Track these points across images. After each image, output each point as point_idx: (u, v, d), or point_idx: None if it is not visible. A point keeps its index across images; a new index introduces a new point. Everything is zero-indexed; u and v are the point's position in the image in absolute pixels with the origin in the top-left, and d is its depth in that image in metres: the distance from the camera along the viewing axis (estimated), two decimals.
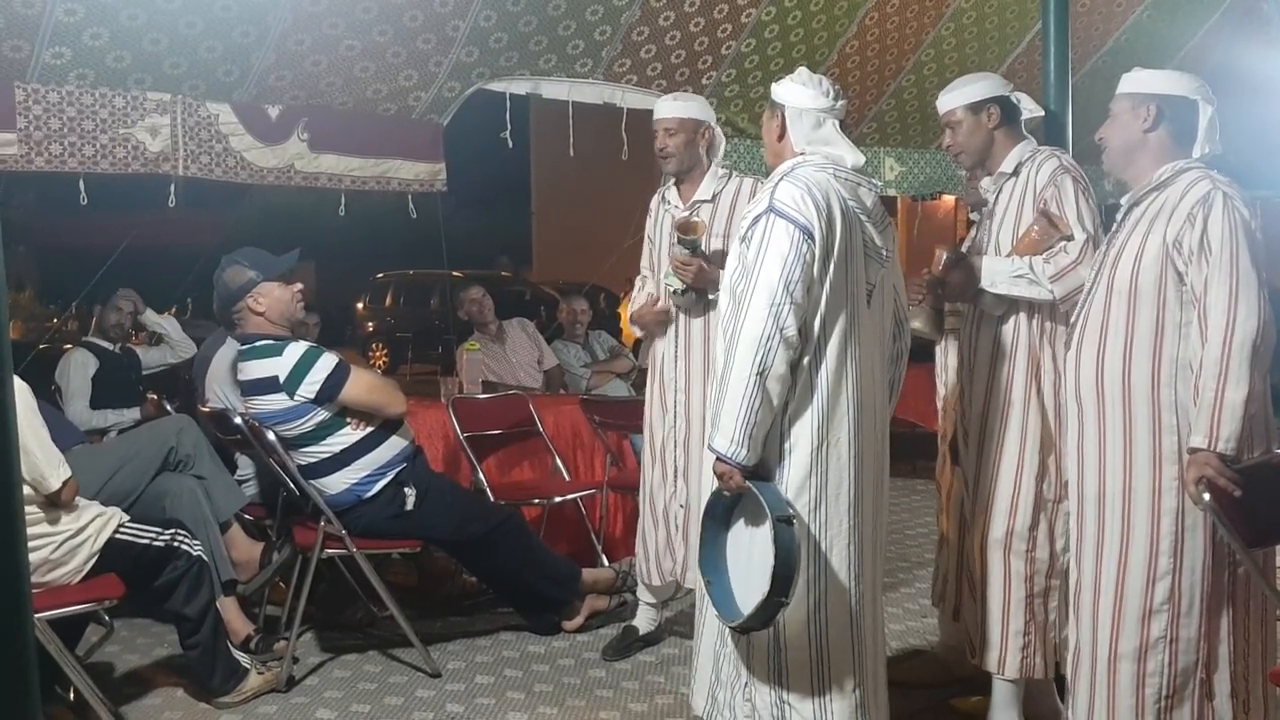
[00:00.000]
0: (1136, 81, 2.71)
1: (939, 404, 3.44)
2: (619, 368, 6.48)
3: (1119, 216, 2.74)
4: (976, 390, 3.16)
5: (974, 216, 3.58)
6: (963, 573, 3.28)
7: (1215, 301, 2.47)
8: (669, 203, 3.82)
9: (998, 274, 3.03)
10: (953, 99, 3.22)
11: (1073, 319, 2.79)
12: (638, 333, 3.92)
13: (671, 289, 3.64)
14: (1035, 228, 3.03)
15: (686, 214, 3.70)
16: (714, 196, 3.72)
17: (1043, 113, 3.31)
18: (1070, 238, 2.98)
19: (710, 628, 2.73)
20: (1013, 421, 3.09)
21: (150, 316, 5.73)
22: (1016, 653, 3.08)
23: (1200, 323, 2.50)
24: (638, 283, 3.95)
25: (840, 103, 2.74)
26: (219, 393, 4.54)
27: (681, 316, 3.74)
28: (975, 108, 3.18)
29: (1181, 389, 2.56)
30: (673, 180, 3.81)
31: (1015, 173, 3.16)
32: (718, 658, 2.71)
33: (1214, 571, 2.57)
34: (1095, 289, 2.71)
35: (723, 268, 3.57)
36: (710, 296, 3.59)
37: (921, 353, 3.29)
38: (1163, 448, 2.58)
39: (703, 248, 3.60)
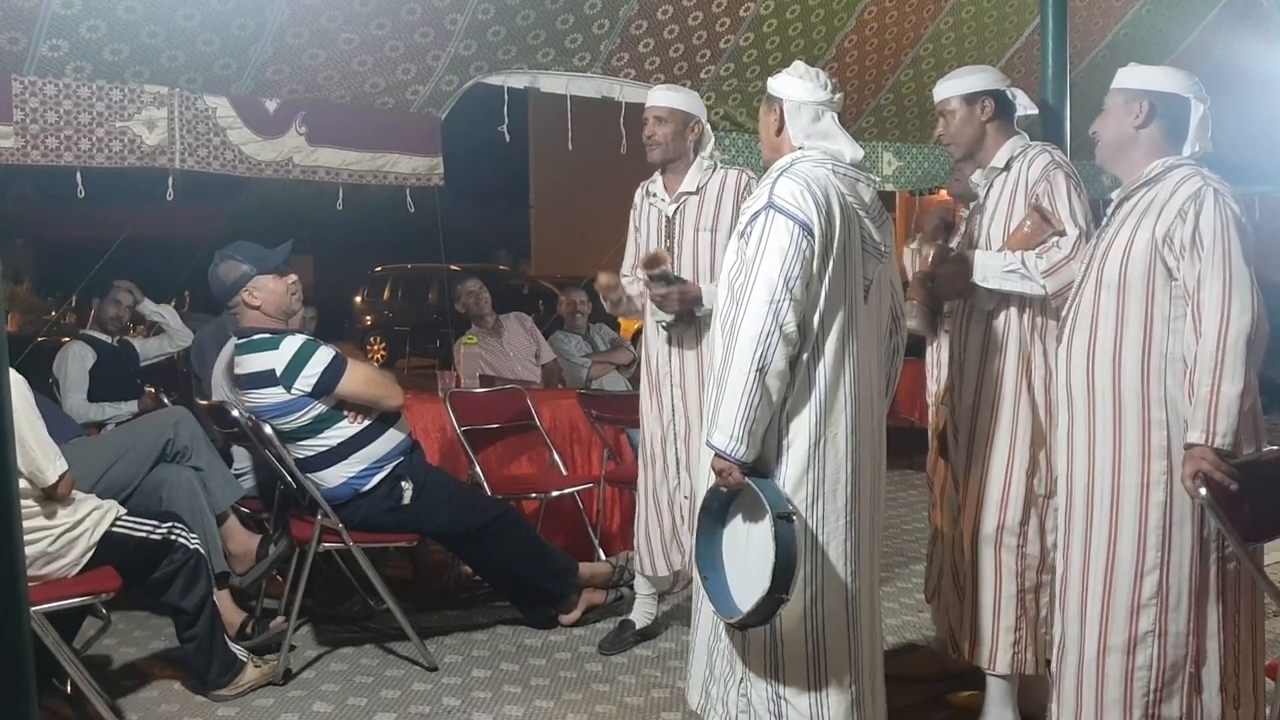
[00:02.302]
0: (1130, 77, 2.72)
1: (930, 399, 3.45)
2: (620, 359, 6.49)
3: (1109, 211, 2.75)
4: (967, 385, 3.16)
5: (963, 213, 3.58)
6: (949, 566, 3.28)
7: (1209, 298, 2.47)
8: (653, 195, 3.82)
9: (990, 269, 3.04)
10: (949, 88, 3.22)
11: (1064, 313, 2.80)
12: (649, 322, 3.92)
13: (663, 324, 3.68)
14: (1028, 223, 3.03)
15: (642, 217, 3.77)
16: (699, 189, 3.72)
17: (1037, 111, 3.31)
18: (1062, 233, 2.99)
19: (705, 622, 2.73)
20: (1003, 416, 3.09)
21: (148, 305, 5.73)
22: (1008, 648, 3.09)
23: (1194, 319, 2.50)
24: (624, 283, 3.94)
25: (838, 96, 2.74)
26: (225, 390, 4.54)
27: None
28: (970, 99, 3.18)
29: (1170, 384, 2.57)
30: (657, 174, 3.82)
31: (1006, 168, 3.16)
32: (711, 652, 2.71)
33: (1201, 566, 2.58)
34: (1085, 283, 2.72)
35: (695, 277, 3.61)
36: (698, 314, 3.61)
37: (915, 348, 3.29)
38: (1151, 442, 2.58)
39: (674, 272, 3.63)
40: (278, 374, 3.64)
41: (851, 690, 2.62)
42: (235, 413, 3.84)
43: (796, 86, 2.71)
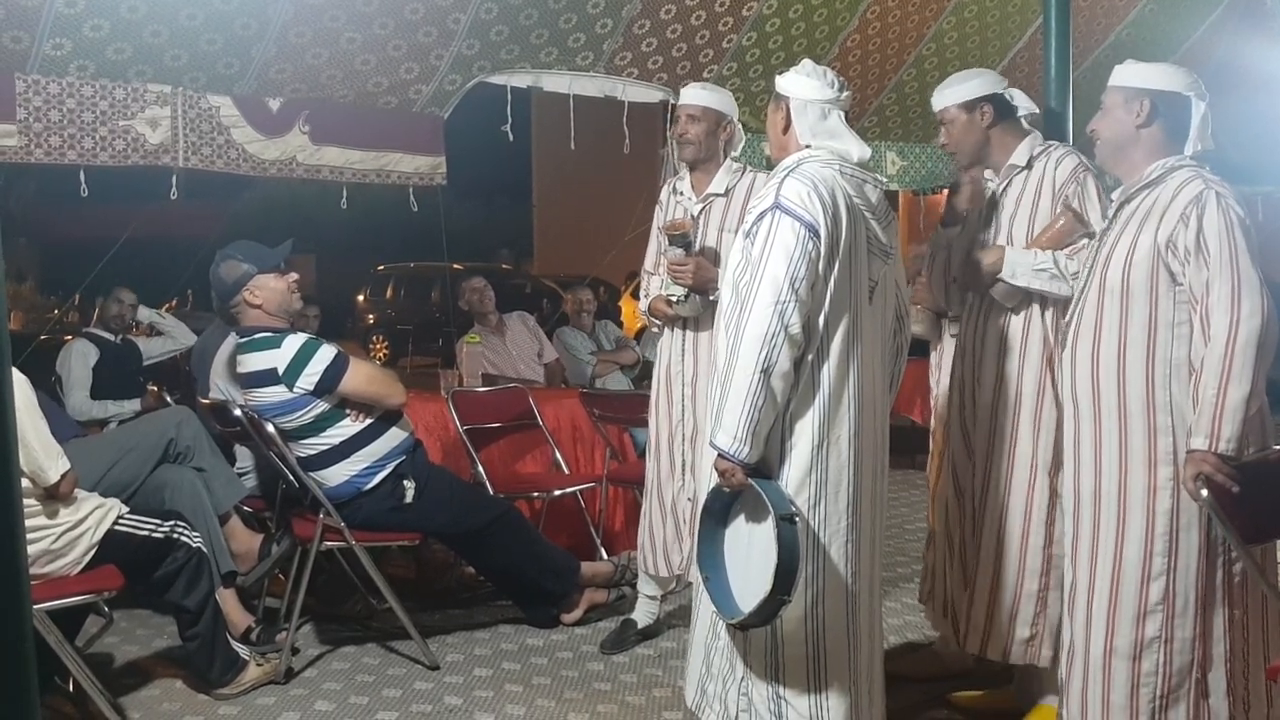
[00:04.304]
0: (1130, 75, 2.68)
1: (932, 401, 3.44)
2: (624, 359, 6.51)
3: (1110, 213, 2.73)
4: (985, 382, 3.14)
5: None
6: (953, 563, 3.27)
7: (1218, 301, 2.45)
8: (680, 194, 3.81)
9: (1019, 265, 3.02)
10: (945, 98, 3.19)
11: (1066, 318, 2.79)
12: (655, 327, 3.91)
13: (674, 298, 3.62)
14: (1061, 221, 3.02)
15: (670, 216, 3.71)
16: (727, 190, 3.71)
17: (1037, 110, 3.28)
18: (1093, 234, 2.97)
19: (703, 620, 2.73)
20: (1025, 414, 3.07)
21: (144, 313, 5.75)
22: (1021, 643, 3.09)
23: (1202, 323, 2.48)
24: (643, 278, 3.94)
25: (845, 94, 2.72)
26: (221, 388, 4.54)
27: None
28: (969, 106, 3.15)
29: (1176, 389, 2.55)
30: (686, 171, 3.80)
31: (1029, 165, 3.13)
32: (709, 650, 2.71)
33: (1208, 570, 2.57)
34: (1088, 288, 2.70)
35: (719, 266, 3.59)
36: (711, 298, 3.58)
37: (919, 347, 3.28)
38: (1158, 449, 2.57)
39: (695, 245, 3.60)
40: (280, 372, 3.64)
41: (851, 691, 2.62)
42: (237, 411, 3.84)
43: (804, 85, 2.70)
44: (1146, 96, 2.62)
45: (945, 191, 7.92)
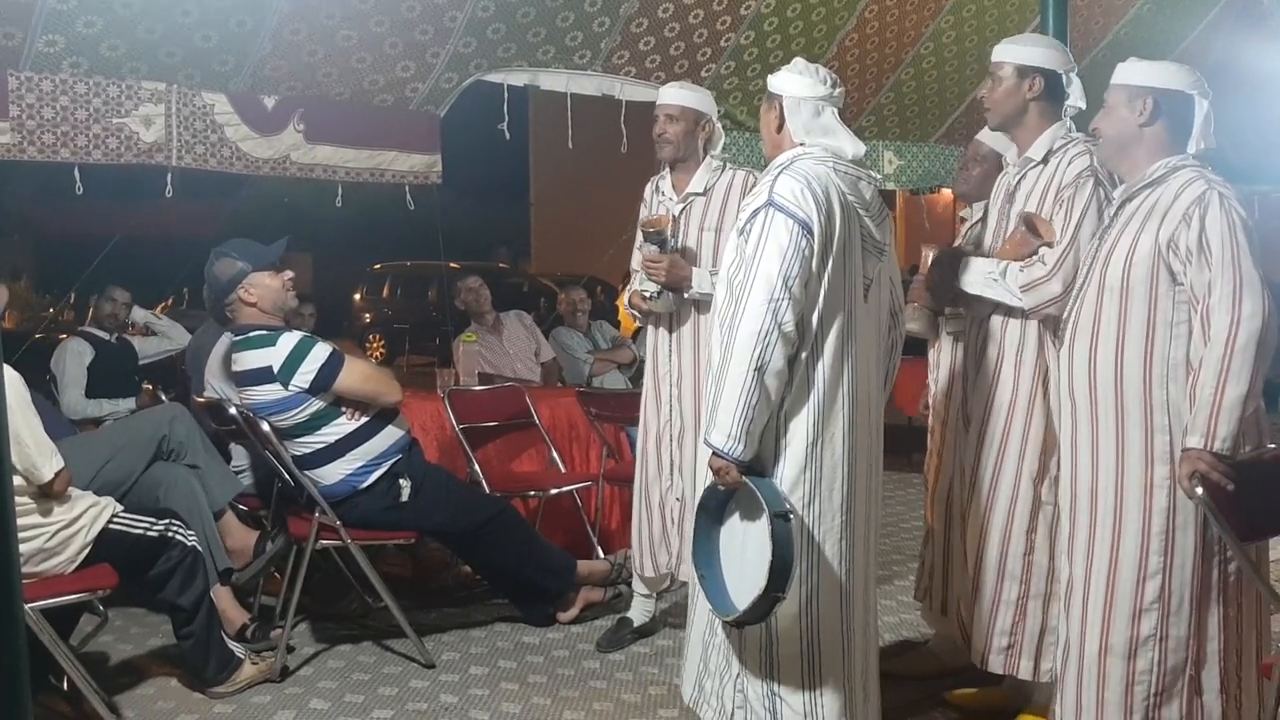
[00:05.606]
0: (1133, 73, 2.67)
1: (930, 401, 3.43)
2: (621, 357, 6.51)
3: (1111, 212, 2.72)
4: (982, 385, 3.13)
5: (964, 214, 3.53)
6: (950, 565, 3.27)
7: (1219, 302, 2.45)
8: (662, 193, 3.81)
9: (975, 273, 3.02)
10: (1007, 53, 3.09)
11: (1065, 315, 2.78)
12: (637, 320, 3.91)
13: (647, 294, 3.61)
14: (1018, 232, 3.00)
15: (653, 214, 3.71)
16: (707, 190, 3.70)
17: (1083, 107, 3.19)
18: (1050, 245, 2.92)
19: (700, 617, 2.73)
20: (1017, 421, 3.06)
21: (138, 314, 5.74)
22: (1000, 651, 3.09)
23: (1203, 323, 2.48)
24: (632, 277, 3.94)
25: (838, 91, 2.72)
26: (215, 387, 4.53)
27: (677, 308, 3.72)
28: (1023, 71, 3.05)
29: (1173, 388, 2.55)
30: (667, 170, 3.80)
31: (1044, 160, 3.05)
32: (706, 646, 2.71)
33: (1203, 569, 2.57)
34: (1087, 285, 2.69)
35: (695, 265, 3.60)
36: (685, 295, 3.58)
37: (917, 346, 3.27)
38: (1155, 447, 2.57)
39: (674, 243, 3.59)
40: (275, 370, 3.64)
41: (846, 689, 2.62)
42: (232, 410, 3.83)
43: (796, 82, 2.70)
44: (1150, 95, 2.61)
45: (944, 191, 7.91)
